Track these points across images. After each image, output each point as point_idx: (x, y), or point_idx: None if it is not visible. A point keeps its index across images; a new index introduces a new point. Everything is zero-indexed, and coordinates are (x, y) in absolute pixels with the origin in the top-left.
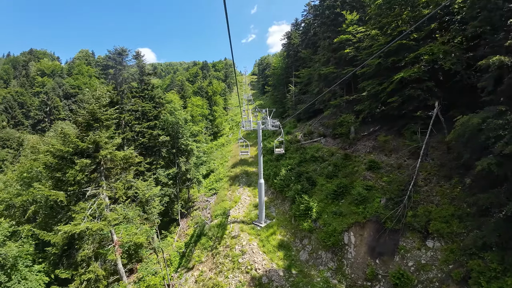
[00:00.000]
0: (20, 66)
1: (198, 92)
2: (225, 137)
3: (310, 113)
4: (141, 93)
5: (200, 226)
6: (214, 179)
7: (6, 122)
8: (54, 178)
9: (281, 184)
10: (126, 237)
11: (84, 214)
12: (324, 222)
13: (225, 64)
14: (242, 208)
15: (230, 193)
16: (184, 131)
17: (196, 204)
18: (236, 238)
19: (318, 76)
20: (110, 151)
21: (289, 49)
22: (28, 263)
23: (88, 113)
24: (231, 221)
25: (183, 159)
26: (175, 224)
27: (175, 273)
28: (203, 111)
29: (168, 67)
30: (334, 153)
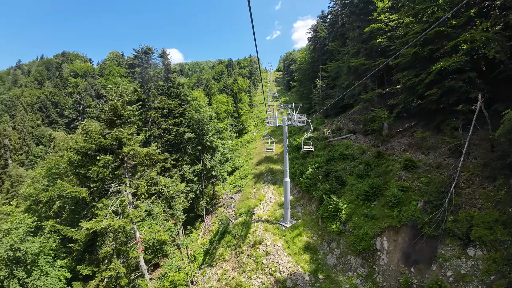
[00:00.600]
0: (53, 68)
1: (223, 89)
2: (250, 134)
3: (338, 108)
4: (167, 90)
5: (224, 223)
6: (238, 176)
7: (41, 120)
8: (78, 174)
9: (307, 183)
10: (149, 235)
11: (107, 210)
12: (354, 225)
13: (250, 61)
14: (266, 207)
15: (255, 191)
16: (209, 128)
17: (220, 201)
18: (260, 237)
19: (347, 68)
20: (133, 148)
21: (315, 42)
22: (49, 259)
23: (110, 110)
24: (255, 220)
25: (208, 156)
26: (200, 220)
27: (198, 270)
28: (228, 108)
29: (194, 66)
30: (365, 150)
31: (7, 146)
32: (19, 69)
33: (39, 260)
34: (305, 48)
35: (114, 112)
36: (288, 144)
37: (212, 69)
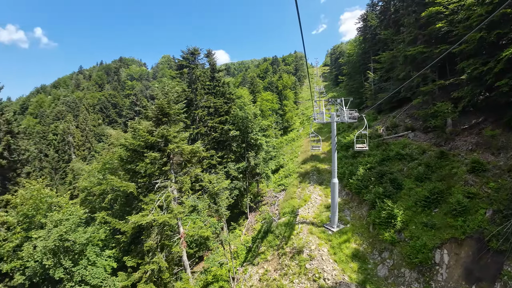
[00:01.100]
0: (112, 72)
1: (268, 87)
2: (295, 132)
3: (393, 103)
4: (213, 89)
5: (268, 222)
6: (283, 174)
7: (102, 120)
8: (127, 170)
9: (358, 185)
10: (192, 230)
11: (153, 205)
12: (411, 234)
13: (295, 57)
14: (312, 208)
15: (300, 190)
16: (253, 125)
17: (264, 199)
18: (305, 240)
19: (403, 58)
20: (178, 145)
21: (366, 32)
22: (97, 250)
23: (157, 108)
24: (300, 221)
25: (252, 154)
26: (243, 217)
27: (240, 267)
28: (273, 105)
29: (240, 66)
30: (425, 150)
31: (70, 143)
32: (81, 74)
33: (87, 250)
34: (354, 39)
35: (160, 110)
36: (336, 142)
37: (257, 67)
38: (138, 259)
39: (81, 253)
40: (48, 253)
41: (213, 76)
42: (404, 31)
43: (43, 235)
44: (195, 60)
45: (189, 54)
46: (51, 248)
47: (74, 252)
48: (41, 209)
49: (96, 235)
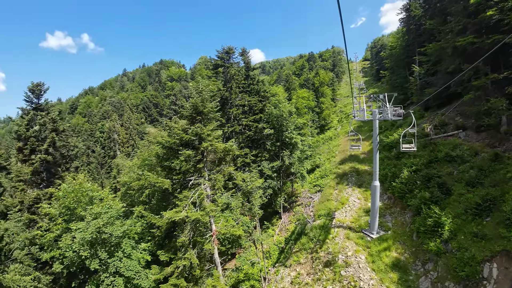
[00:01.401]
0: (153, 74)
1: (305, 84)
2: (332, 130)
3: (442, 98)
4: (247, 88)
5: (302, 224)
6: (319, 175)
7: (144, 119)
8: (163, 166)
9: (401, 188)
10: (224, 228)
11: (186, 202)
12: (459, 245)
13: (332, 53)
14: (349, 212)
15: (337, 192)
16: (288, 124)
17: (299, 199)
18: (340, 245)
19: (452, 49)
20: (212, 143)
21: (409, 23)
22: (132, 243)
23: (191, 107)
24: (336, 225)
25: (287, 153)
26: (277, 217)
27: (272, 268)
28: (309, 103)
29: (275, 64)
30: (478, 151)
31: (116, 140)
32: (125, 76)
33: (123, 243)
34: (396, 31)
35: (194, 109)
36: (378, 142)
37: (292, 64)
38: (171, 254)
39: (117, 246)
40: (85, 244)
41: (247, 74)
42: (451, 20)
43: (82, 227)
44: (230, 59)
45: (224, 53)
46: (88, 240)
47: (111, 244)
48: (82, 202)
49: (133, 228)
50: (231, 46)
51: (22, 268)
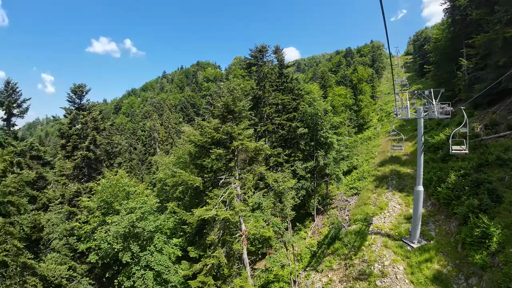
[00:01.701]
0: (190, 76)
1: (342, 81)
2: (372, 130)
3: (492, 95)
4: (281, 86)
5: (336, 228)
6: (356, 177)
7: (182, 118)
8: (196, 164)
9: (447, 194)
10: (254, 229)
11: (217, 200)
12: (506, 258)
13: (371, 48)
14: (388, 218)
15: (375, 196)
16: (324, 122)
17: (334, 202)
18: (377, 254)
19: (502, 41)
20: (242, 142)
21: (454, 13)
22: (163, 238)
23: (222, 106)
24: (373, 231)
25: (321, 153)
26: (310, 219)
27: (303, 271)
28: (346, 100)
29: (310, 61)
30: None
31: (156, 138)
32: (164, 78)
33: (155, 237)
34: (440, 22)
35: (225, 108)
36: (423, 143)
37: (328, 61)
38: (201, 251)
39: (149, 240)
40: (118, 237)
41: (281, 72)
42: (498, 9)
43: (116, 220)
44: (263, 58)
45: (257, 52)
46: (121, 233)
47: (143, 238)
48: (119, 197)
49: (165, 223)
50: (264, 44)
51: (59, 258)
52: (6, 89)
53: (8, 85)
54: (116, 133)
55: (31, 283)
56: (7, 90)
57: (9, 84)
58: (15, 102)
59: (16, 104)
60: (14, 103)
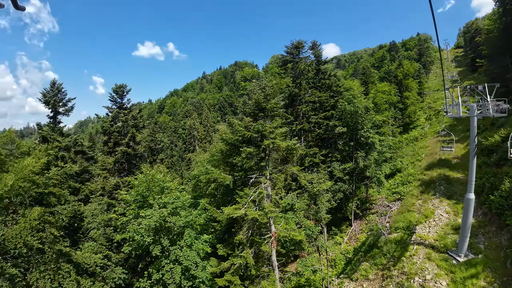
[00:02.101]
0: (228, 76)
1: (385, 77)
2: (419, 130)
3: None
4: (318, 83)
5: (375, 235)
6: (400, 181)
7: (220, 117)
8: (227, 163)
9: (501, 203)
10: (284, 231)
11: (246, 200)
12: None
13: (417, 41)
14: (434, 227)
15: (420, 203)
16: (364, 121)
17: (374, 207)
18: (418, 266)
19: None
20: (273, 141)
21: (505, 2)
22: (193, 233)
23: (253, 104)
24: (415, 242)
25: (361, 154)
26: (347, 224)
27: (336, 278)
28: (390, 98)
29: (351, 57)
30: None
31: (195, 136)
32: (204, 79)
33: (185, 233)
34: (491, 13)
35: (256, 105)
36: (476, 144)
37: (371, 56)
38: (229, 249)
39: (180, 235)
40: (150, 230)
41: (318, 68)
42: None
43: (149, 214)
44: (299, 54)
45: (293, 48)
46: (152, 227)
47: (173, 233)
48: (153, 192)
49: (196, 219)
50: (300, 40)
51: (95, 246)
52: (52, 89)
53: (54, 86)
54: (159, 131)
55: (65, 270)
56: (53, 90)
57: (54, 84)
58: (60, 101)
59: (62, 103)
60: (59, 102)
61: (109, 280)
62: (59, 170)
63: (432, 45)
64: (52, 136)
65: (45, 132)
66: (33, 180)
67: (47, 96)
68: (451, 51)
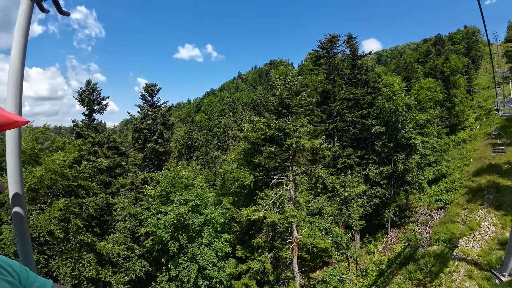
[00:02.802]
0: (263, 75)
1: (431, 73)
2: (468, 131)
3: None
4: (354, 79)
5: (412, 246)
6: (444, 187)
7: (254, 116)
8: (249, 162)
9: None
10: (306, 237)
11: (267, 201)
12: None
13: (465, 33)
14: (478, 242)
15: (465, 213)
16: (406, 120)
17: (413, 215)
18: (458, 284)
19: None
20: (297, 140)
21: None
22: (213, 232)
23: (276, 100)
24: (457, 257)
25: (401, 156)
26: (382, 232)
27: None
28: (436, 95)
29: (393, 52)
30: None
31: (229, 135)
32: (239, 78)
33: (204, 231)
34: None
35: (280, 102)
36: None
37: (415, 50)
38: (247, 252)
39: (199, 233)
40: (168, 226)
41: (354, 63)
42: None
43: (169, 210)
44: (333, 49)
45: (326, 42)
46: (170, 223)
47: (193, 230)
48: (176, 188)
49: (218, 218)
50: (334, 33)
51: (120, 238)
52: (87, 88)
53: (88, 85)
54: (195, 129)
55: (86, 259)
56: (88, 89)
57: (89, 84)
58: (95, 100)
59: (96, 101)
60: (94, 101)
61: (130, 272)
62: (91, 164)
63: (481, 39)
64: (86, 132)
65: (80, 128)
66: (63, 173)
67: (82, 95)
68: (501, 45)
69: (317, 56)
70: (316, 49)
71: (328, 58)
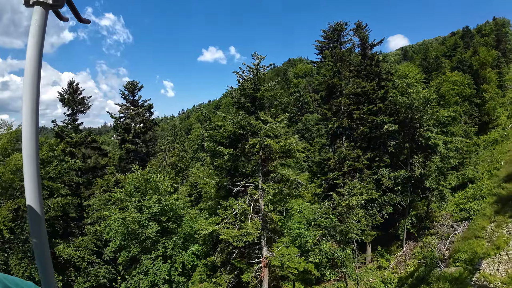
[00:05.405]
0: (281, 73)
1: (458, 67)
2: (499, 130)
3: None
4: (364, 70)
5: (427, 265)
6: (471, 194)
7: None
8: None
9: None
10: (277, 258)
11: (229, 213)
12: None
13: (494, 25)
14: (505, 264)
15: (493, 227)
16: (424, 117)
17: (434, 226)
18: None
19: None
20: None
21: None
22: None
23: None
24: (477, 283)
25: (419, 159)
26: (397, 244)
27: None
28: (462, 89)
29: (420, 47)
30: None
31: None
32: None
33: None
34: None
35: (242, 93)
36: None
37: (442, 44)
38: (208, 270)
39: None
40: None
41: (364, 53)
42: None
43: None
44: (339, 38)
45: (331, 31)
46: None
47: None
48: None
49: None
50: (340, 21)
51: (87, 241)
52: (69, 88)
53: (70, 86)
54: None
55: None
56: (70, 89)
57: (71, 84)
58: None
59: (77, 101)
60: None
61: (91, 277)
62: (63, 164)
63: (511, 31)
64: (66, 133)
65: (59, 128)
66: None
67: (63, 95)
68: None
69: (321, 47)
70: (320, 40)
71: (333, 48)
